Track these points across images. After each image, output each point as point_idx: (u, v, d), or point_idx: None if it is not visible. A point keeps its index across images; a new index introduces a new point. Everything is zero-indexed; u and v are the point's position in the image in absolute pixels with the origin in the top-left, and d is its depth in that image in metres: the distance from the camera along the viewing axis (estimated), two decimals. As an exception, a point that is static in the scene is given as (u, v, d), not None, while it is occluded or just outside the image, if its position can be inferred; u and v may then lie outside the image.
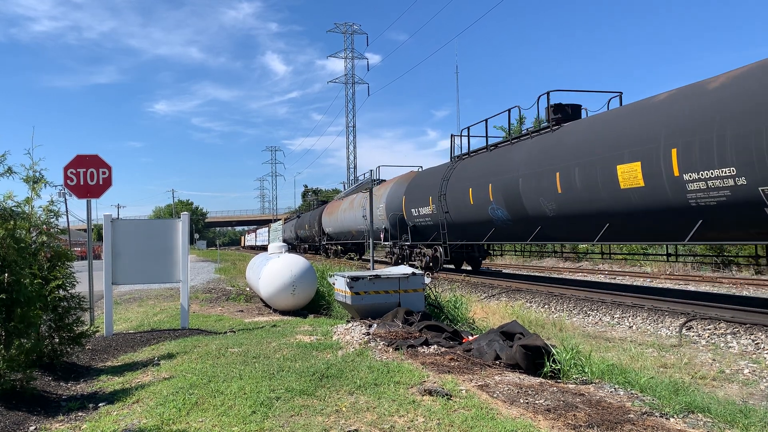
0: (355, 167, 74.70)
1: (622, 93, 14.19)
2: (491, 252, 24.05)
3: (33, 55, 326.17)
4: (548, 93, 14.84)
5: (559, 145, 13.61)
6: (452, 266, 23.44)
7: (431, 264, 21.09)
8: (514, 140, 16.48)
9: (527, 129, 16.53)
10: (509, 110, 17.29)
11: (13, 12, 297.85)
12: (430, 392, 4.59)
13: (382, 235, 25.29)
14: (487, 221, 16.74)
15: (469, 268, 23.26)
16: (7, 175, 5.23)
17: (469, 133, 19.70)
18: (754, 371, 7.04)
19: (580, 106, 14.90)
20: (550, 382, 5.35)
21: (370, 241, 14.08)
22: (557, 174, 13.24)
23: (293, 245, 53.89)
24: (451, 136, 20.72)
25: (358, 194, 29.69)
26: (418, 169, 26.90)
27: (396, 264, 22.98)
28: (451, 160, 20.50)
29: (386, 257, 27.54)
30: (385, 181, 28.34)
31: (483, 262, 24.20)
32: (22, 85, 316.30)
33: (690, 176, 9.74)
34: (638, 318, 10.66)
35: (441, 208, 19.25)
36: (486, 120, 18.38)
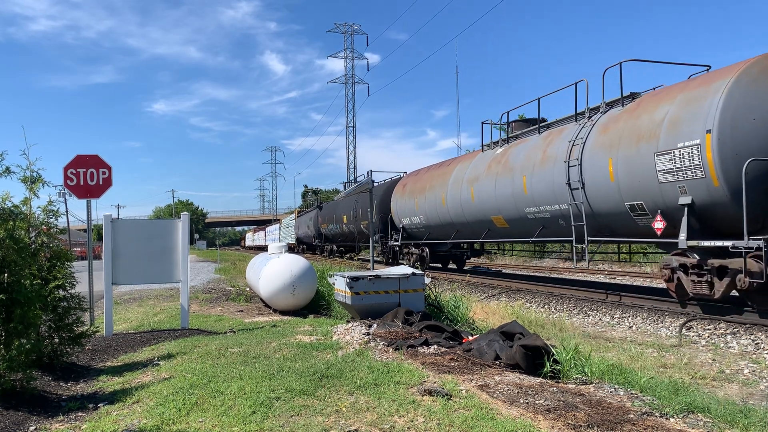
0: (355, 167, 74.61)
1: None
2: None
3: (30, 55, 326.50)
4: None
5: None
6: None
7: None
8: None
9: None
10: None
11: (10, 11, 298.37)
12: (430, 392, 4.59)
13: (659, 224, 10.14)
14: None
15: None
16: (5, 175, 5.24)
17: None
18: (754, 371, 7.04)
19: None
20: (550, 382, 5.35)
21: (370, 240, 14.08)
22: None
23: (311, 245, 40.43)
24: None
25: (539, 136, 14.29)
26: (653, 90, 11.49)
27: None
28: None
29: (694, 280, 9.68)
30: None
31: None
32: (19, 85, 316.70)
33: None
34: (638, 318, 10.66)
35: None
36: None
